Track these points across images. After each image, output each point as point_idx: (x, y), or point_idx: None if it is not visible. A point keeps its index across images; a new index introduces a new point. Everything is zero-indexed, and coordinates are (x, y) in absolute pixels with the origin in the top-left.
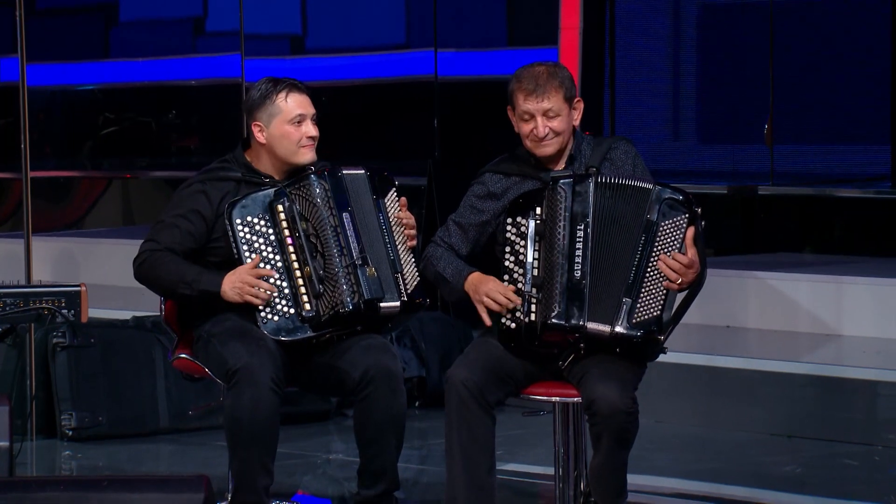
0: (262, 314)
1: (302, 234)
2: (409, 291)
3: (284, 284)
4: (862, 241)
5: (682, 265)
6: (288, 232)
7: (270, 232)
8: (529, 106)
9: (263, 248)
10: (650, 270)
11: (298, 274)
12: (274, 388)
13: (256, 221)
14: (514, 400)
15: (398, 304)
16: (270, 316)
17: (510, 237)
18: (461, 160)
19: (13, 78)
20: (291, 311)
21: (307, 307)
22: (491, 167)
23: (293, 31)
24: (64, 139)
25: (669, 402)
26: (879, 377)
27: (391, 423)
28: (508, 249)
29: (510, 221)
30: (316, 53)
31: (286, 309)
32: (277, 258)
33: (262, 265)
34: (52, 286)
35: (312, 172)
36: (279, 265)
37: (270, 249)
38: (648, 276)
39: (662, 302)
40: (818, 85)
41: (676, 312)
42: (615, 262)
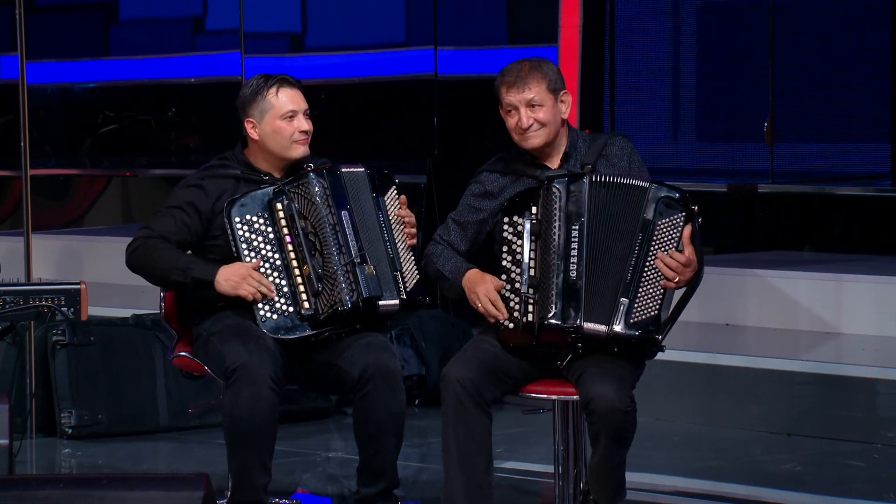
0: (261, 312)
1: (301, 232)
2: (408, 289)
3: (283, 283)
4: (861, 239)
5: (679, 263)
6: (287, 230)
7: (269, 230)
8: (512, 98)
9: (262, 246)
10: (647, 269)
11: (297, 272)
12: (273, 386)
13: (255, 220)
14: (514, 398)
15: (397, 302)
16: (270, 314)
17: (507, 236)
18: (460, 158)
19: (13, 76)
20: (290, 309)
21: (306, 305)
22: (488, 166)
23: (293, 28)
24: (64, 137)
25: (669, 400)
26: (879, 375)
27: (391, 421)
28: (506, 249)
29: (507, 221)
30: (316, 51)
31: (285, 307)
32: (276, 256)
33: (261, 263)
34: (51, 284)
35: (311, 171)
36: (278, 263)
37: (269, 248)
38: (646, 275)
39: (660, 301)
40: (818, 83)
41: (674, 311)
42: (611, 261)
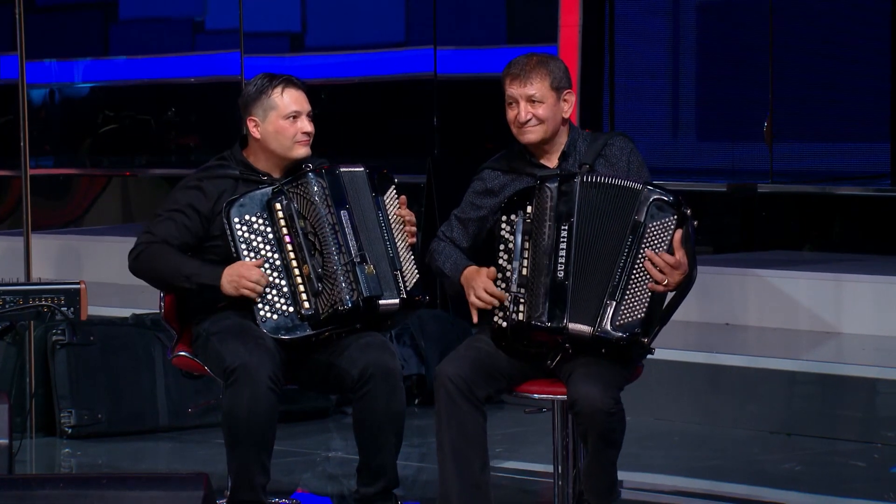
0: (261, 312)
1: (300, 232)
2: (408, 289)
3: (283, 283)
4: (861, 238)
5: (667, 265)
6: (286, 230)
7: (269, 230)
8: (513, 90)
9: (262, 246)
10: (636, 272)
11: (297, 272)
12: (272, 386)
13: (255, 220)
14: (515, 398)
15: (397, 301)
16: (269, 314)
17: (504, 235)
18: (460, 158)
19: (13, 75)
20: (290, 309)
21: (306, 305)
22: (491, 163)
23: (293, 28)
24: (63, 137)
25: (669, 399)
26: (879, 375)
27: (390, 420)
28: (502, 247)
29: (504, 219)
30: (315, 51)
31: (285, 307)
32: (276, 257)
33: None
34: (51, 284)
35: (311, 170)
36: (278, 263)
37: (269, 248)
38: (634, 277)
39: (648, 304)
40: (818, 82)
41: (663, 314)
42: (600, 262)
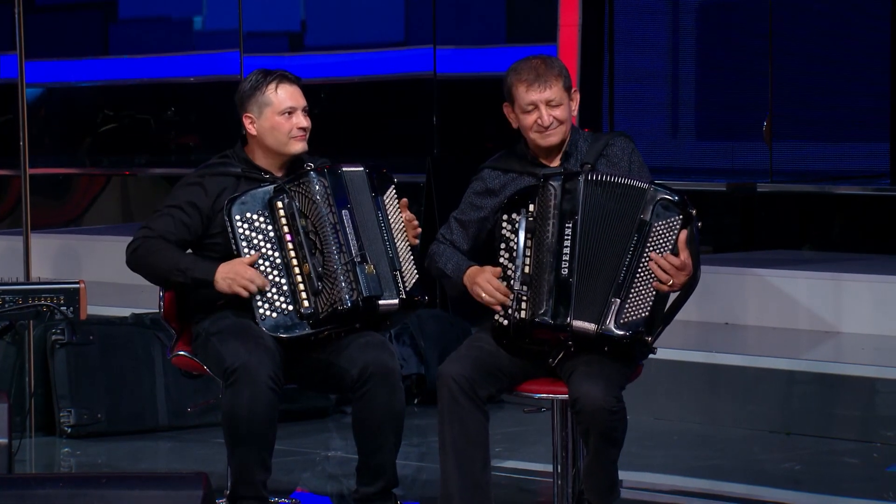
0: (260, 311)
1: (301, 231)
2: (407, 289)
3: (283, 281)
4: (861, 238)
5: (673, 266)
6: (287, 229)
7: (270, 229)
8: (533, 96)
9: (262, 244)
10: (640, 270)
11: (297, 271)
12: (272, 385)
13: (256, 218)
14: (515, 397)
15: (397, 301)
16: (269, 313)
17: (505, 234)
18: (460, 157)
19: (12, 75)
20: (290, 308)
21: (306, 304)
22: (489, 163)
23: (292, 28)
24: (63, 136)
25: (668, 398)
26: (878, 374)
27: (390, 420)
28: (503, 246)
29: (506, 218)
30: (315, 50)
31: (285, 306)
32: (276, 255)
33: (261, 262)
34: (51, 283)
35: (312, 170)
36: (278, 262)
37: (269, 246)
38: (639, 276)
39: (652, 303)
40: (817, 82)
41: (667, 314)
42: (604, 260)
